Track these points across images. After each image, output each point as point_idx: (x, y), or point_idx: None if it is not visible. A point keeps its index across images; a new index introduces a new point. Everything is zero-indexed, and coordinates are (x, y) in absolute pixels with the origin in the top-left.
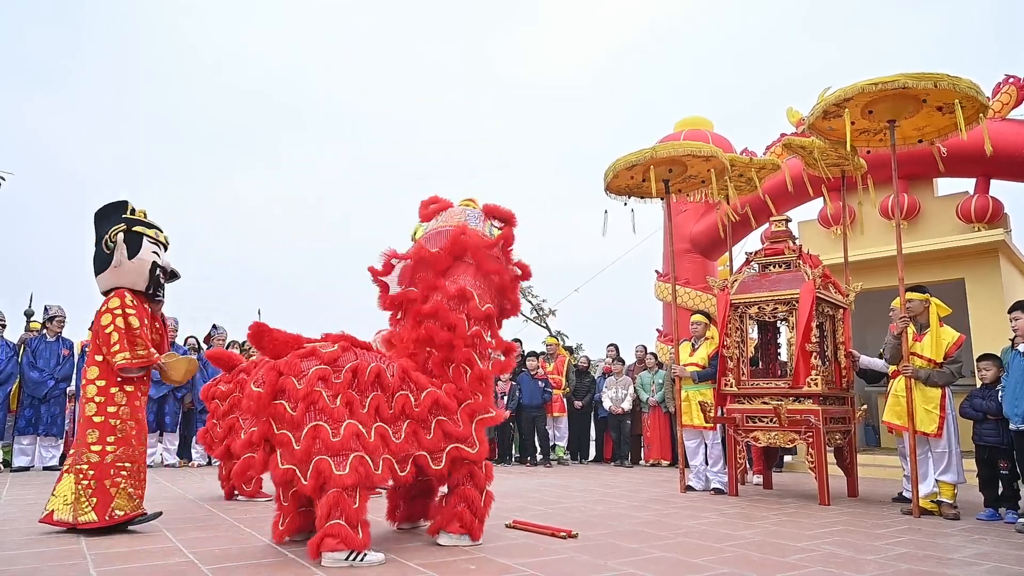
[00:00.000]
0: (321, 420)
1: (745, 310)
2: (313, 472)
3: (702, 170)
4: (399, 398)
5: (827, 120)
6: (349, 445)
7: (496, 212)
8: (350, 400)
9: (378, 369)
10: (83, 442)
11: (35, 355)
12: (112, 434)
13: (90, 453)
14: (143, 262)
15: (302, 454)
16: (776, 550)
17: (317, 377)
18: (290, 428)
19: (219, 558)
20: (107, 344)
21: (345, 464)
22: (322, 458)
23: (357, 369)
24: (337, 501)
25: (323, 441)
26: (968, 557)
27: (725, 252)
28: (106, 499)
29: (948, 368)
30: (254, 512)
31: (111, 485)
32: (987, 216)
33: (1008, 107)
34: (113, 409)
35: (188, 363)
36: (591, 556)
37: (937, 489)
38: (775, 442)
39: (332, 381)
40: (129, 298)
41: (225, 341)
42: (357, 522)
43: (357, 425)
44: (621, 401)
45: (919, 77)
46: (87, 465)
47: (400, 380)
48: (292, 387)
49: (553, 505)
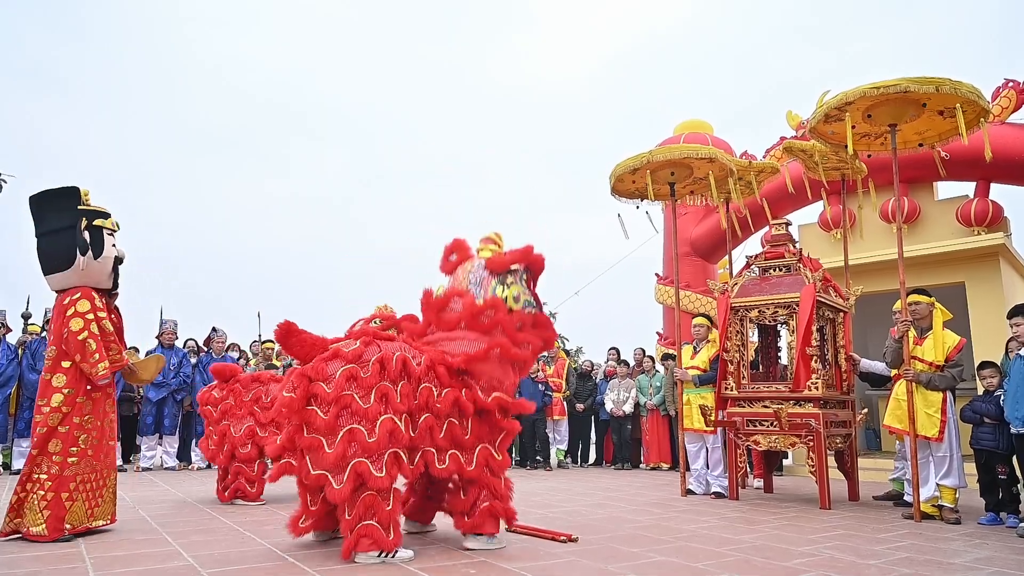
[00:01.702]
0: (355, 423)
1: (745, 313)
2: (351, 475)
3: (708, 172)
4: (423, 390)
5: (828, 124)
6: (385, 443)
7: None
8: (384, 392)
9: (404, 358)
10: (43, 450)
11: (35, 357)
12: (75, 445)
13: (50, 463)
14: (107, 260)
15: (335, 459)
16: (777, 554)
17: (345, 378)
18: (323, 432)
19: (219, 562)
20: (83, 353)
21: (382, 465)
22: (360, 461)
23: (383, 359)
24: (371, 503)
25: (359, 443)
26: (970, 562)
27: (725, 255)
28: (60, 512)
29: (949, 372)
30: (254, 516)
31: (67, 499)
32: (987, 220)
33: (1008, 111)
34: (78, 420)
35: (157, 361)
36: (591, 560)
37: (938, 493)
38: (776, 446)
39: (361, 377)
40: (98, 300)
41: (225, 343)
42: (390, 523)
43: (393, 419)
44: (623, 403)
45: (921, 81)
46: (45, 475)
47: (426, 370)
48: (322, 392)
49: (553, 509)
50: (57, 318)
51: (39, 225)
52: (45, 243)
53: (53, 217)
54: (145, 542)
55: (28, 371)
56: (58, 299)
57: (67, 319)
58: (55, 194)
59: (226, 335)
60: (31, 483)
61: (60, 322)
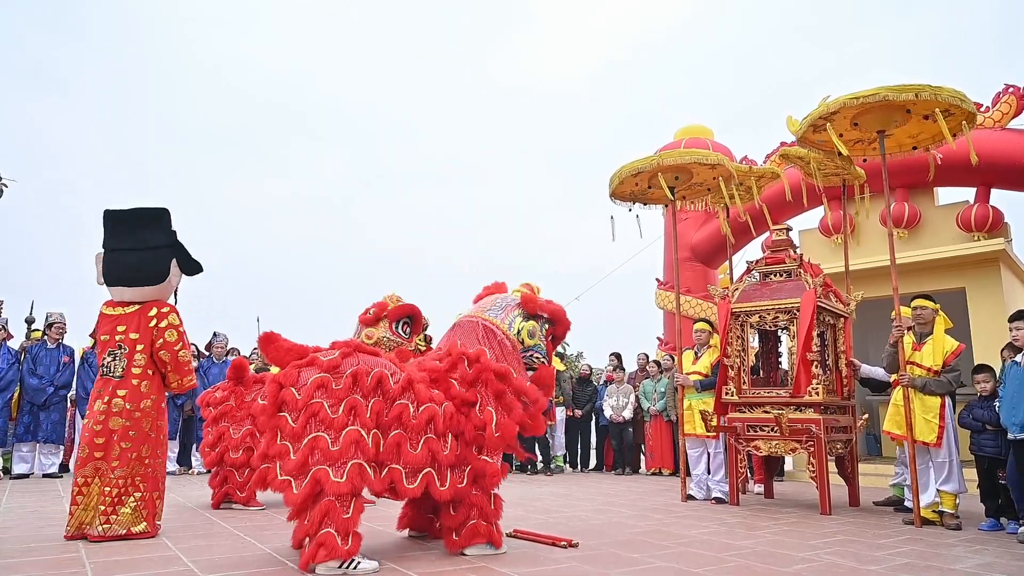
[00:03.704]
0: (320, 431)
1: (746, 319)
2: (310, 481)
3: (707, 177)
4: (397, 407)
5: (816, 133)
6: (348, 454)
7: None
8: (354, 405)
9: (380, 375)
10: (139, 455)
11: (35, 362)
12: (161, 447)
13: (144, 466)
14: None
15: (297, 465)
16: (778, 560)
17: (316, 386)
18: (290, 439)
19: (219, 567)
20: (177, 364)
21: (343, 473)
22: (320, 468)
23: (358, 373)
24: (328, 509)
25: (322, 451)
26: (971, 568)
27: (726, 261)
28: (154, 510)
29: (946, 377)
30: (254, 520)
31: (158, 497)
32: (987, 225)
33: (1008, 116)
34: (161, 423)
35: None
36: (592, 565)
37: (939, 499)
38: (776, 451)
39: (332, 387)
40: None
41: (226, 347)
42: (347, 531)
43: (359, 431)
44: (622, 409)
45: (900, 89)
46: (140, 478)
47: (402, 389)
48: (292, 398)
49: (554, 514)
50: (142, 328)
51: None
52: (136, 257)
53: (150, 234)
54: (145, 547)
55: (28, 375)
56: (138, 311)
57: (161, 330)
58: (150, 213)
59: (227, 339)
60: (128, 485)
61: (149, 332)
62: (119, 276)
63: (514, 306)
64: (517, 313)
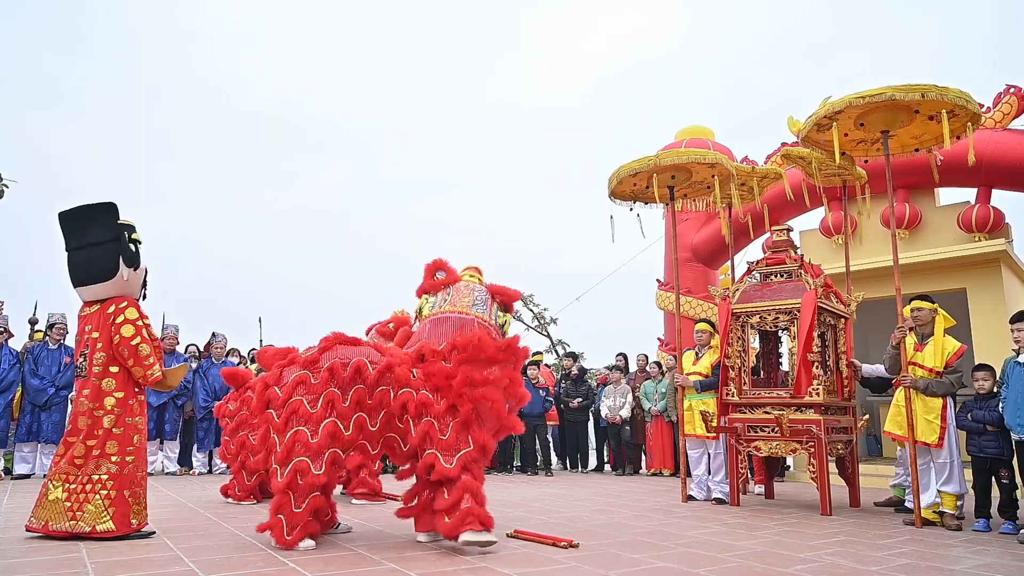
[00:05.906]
0: (301, 425)
1: (746, 319)
2: (291, 471)
3: (707, 176)
4: (379, 393)
5: (820, 133)
6: (326, 445)
7: (502, 293)
8: (332, 397)
9: (359, 364)
10: (103, 452)
11: (36, 362)
12: (131, 445)
13: (110, 464)
14: (142, 271)
15: (281, 457)
16: (778, 560)
17: (295, 384)
18: (277, 433)
19: (220, 567)
20: (136, 357)
21: (321, 464)
22: (301, 459)
23: (334, 367)
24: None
25: (303, 443)
26: (971, 568)
27: (726, 261)
28: (124, 508)
29: (947, 378)
30: (255, 520)
31: (130, 495)
32: (988, 226)
33: (1009, 117)
34: (131, 420)
35: (183, 370)
36: (592, 566)
37: (939, 500)
38: (777, 452)
39: (311, 382)
40: (141, 308)
41: (225, 348)
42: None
43: (336, 423)
44: (619, 410)
45: (906, 89)
46: (106, 475)
47: (379, 375)
48: (275, 396)
49: (554, 514)
50: (101, 326)
51: (75, 239)
52: (85, 255)
53: (94, 231)
54: (146, 547)
55: (29, 376)
56: (99, 309)
57: (117, 326)
58: (94, 209)
59: (226, 340)
60: (91, 483)
61: (107, 329)
62: (75, 276)
63: (489, 299)
64: (495, 305)
